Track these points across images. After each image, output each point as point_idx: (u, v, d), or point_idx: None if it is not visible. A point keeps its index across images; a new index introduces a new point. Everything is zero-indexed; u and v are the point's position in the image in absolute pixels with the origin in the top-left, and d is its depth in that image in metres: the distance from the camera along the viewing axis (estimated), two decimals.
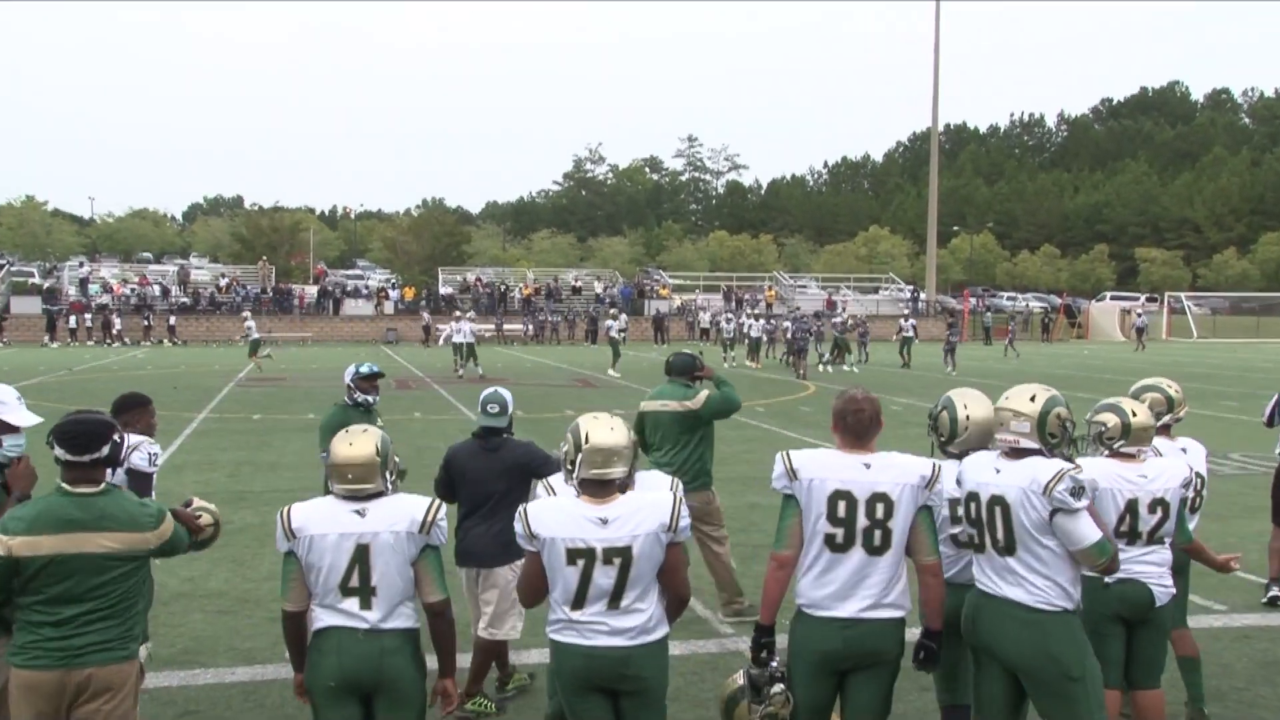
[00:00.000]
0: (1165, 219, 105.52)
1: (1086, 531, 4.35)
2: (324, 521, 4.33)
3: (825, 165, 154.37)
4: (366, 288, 62.43)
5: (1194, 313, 67.75)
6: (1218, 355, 44.71)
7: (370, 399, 8.48)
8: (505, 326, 54.01)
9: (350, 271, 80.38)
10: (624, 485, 4.33)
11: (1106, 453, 5.21)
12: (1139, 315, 52.75)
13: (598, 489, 4.25)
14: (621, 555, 4.14)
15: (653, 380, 29.73)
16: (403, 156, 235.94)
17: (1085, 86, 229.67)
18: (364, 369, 8.47)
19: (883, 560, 4.44)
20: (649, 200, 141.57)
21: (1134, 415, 5.19)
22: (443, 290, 61.30)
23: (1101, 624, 5.14)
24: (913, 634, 4.56)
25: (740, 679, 4.61)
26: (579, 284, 63.33)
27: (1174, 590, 5.34)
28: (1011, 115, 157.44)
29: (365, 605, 4.29)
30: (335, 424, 7.46)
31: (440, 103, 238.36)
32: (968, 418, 5.00)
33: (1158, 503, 5.13)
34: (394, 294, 60.00)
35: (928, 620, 4.55)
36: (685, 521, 4.23)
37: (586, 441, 4.28)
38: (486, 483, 6.35)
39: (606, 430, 4.31)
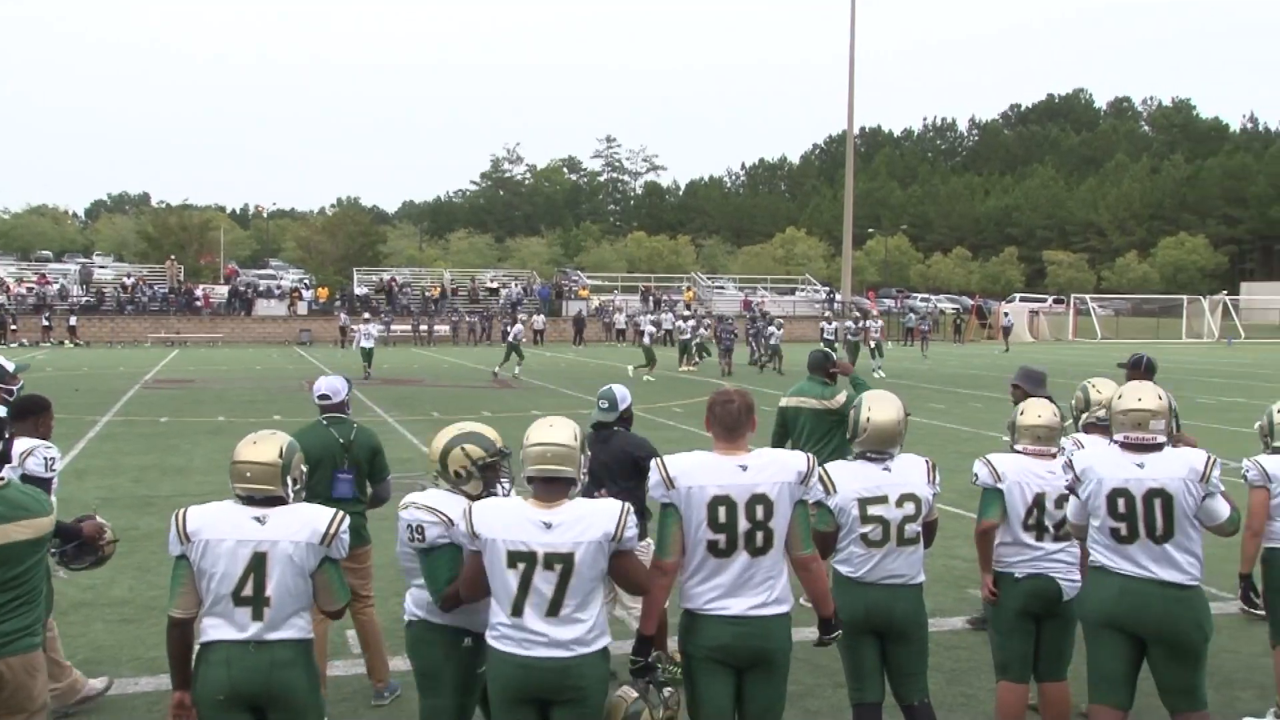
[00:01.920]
0: (1071, 223, 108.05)
1: (1223, 508, 4.93)
2: (221, 526, 4.20)
3: (743, 167, 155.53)
4: (279, 288, 61.42)
5: (1098, 314, 69.48)
6: (1120, 355, 45.86)
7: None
8: (422, 328, 53.47)
9: (262, 271, 79.07)
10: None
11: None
12: (1005, 315, 53.69)
13: (545, 490, 4.19)
14: (563, 562, 4.07)
15: (569, 381, 29.71)
16: (317, 154, 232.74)
17: (995, 92, 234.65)
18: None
19: (766, 560, 4.45)
20: (567, 200, 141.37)
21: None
22: (358, 290, 60.56)
23: (1011, 618, 5.42)
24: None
25: (631, 693, 4.43)
26: (496, 285, 63.01)
27: (1079, 584, 5.49)
28: (924, 119, 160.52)
29: (257, 616, 4.16)
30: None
31: (356, 100, 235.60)
32: (868, 418, 5.08)
33: (1064, 498, 5.35)
34: (308, 294, 59.12)
35: (819, 609, 4.65)
36: (632, 532, 4.16)
37: (526, 441, 4.26)
38: (598, 474, 6.30)
39: (545, 428, 4.27)
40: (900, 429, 5.08)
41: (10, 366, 6.40)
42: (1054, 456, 5.48)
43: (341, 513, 4.34)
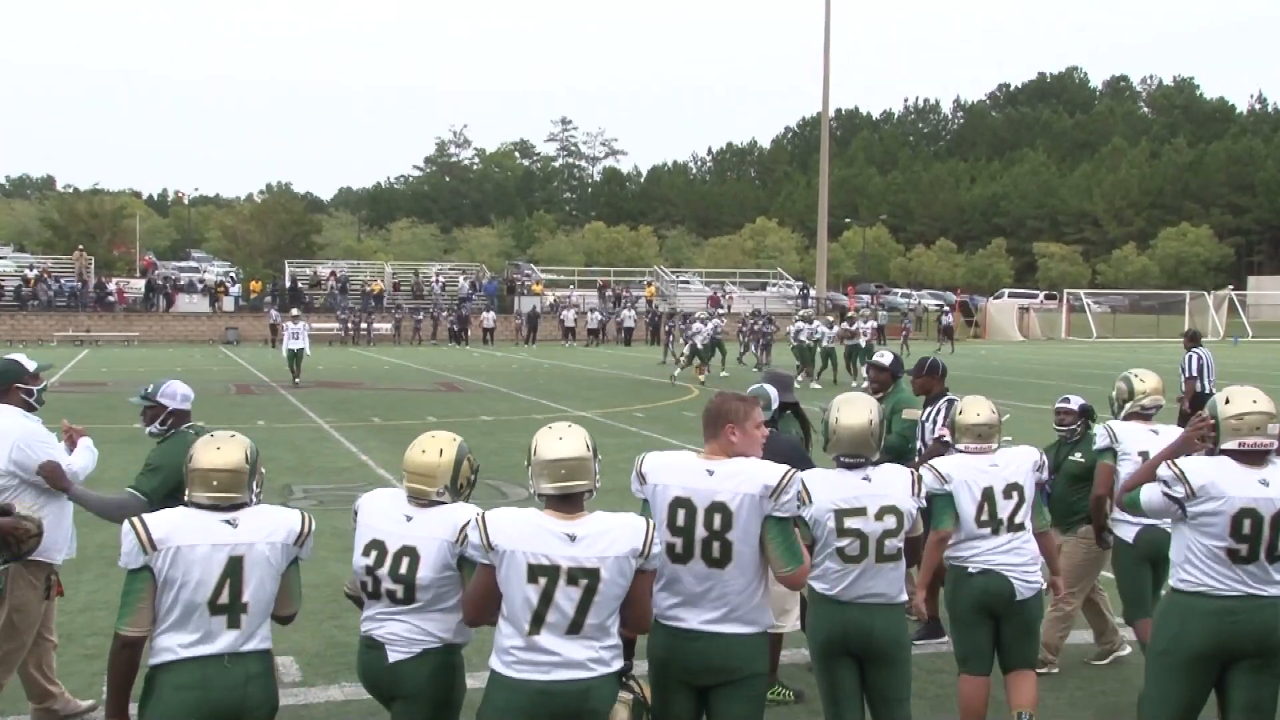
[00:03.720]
0: (1064, 212, 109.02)
1: None
2: (192, 532, 4.22)
3: (709, 152, 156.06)
4: (202, 282, 60.85)
5: (1093, 311, 70.14)
6: (1117, 355, 46.35)
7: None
8: (364, 325, 53.20)
9: (184, 263, 78.40)
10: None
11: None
12: (945, 312, 54.07)
13: (562, 504, 4.20)
14: (588, 577, 4.10)
15: (522, 383, 29.68)
16: (244, 136, 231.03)
17: (982, 71, 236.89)
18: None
19: (726, 574, 4.50)
20: (519, 188, 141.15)
21: (975, 414, 6.03)
22: (290, 285, 60.10)
23: (966, 613, 5.86)
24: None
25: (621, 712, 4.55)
26: (442, 278, 62.81)
27: (1040, 585, 5.89)
28: (906, 101, 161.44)
29: (234, 624, 4.21)
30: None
31: (287, 76, 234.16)
32: (837, 420, 5.14)
33: (1012, 487, 5.81)
34: (235, 289, 58.62)
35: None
36: (659, 548, 4.24)
37: (535, 454, 4.27)
38: None
39: (554, 440, 4.26)
40: (872, 431, 5.08)
41: (31, 366, 6.47)
42: (993, 451, 5.94)
43: (310, 515, 4.47)
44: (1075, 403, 7.72)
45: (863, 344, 31.05)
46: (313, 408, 22.98)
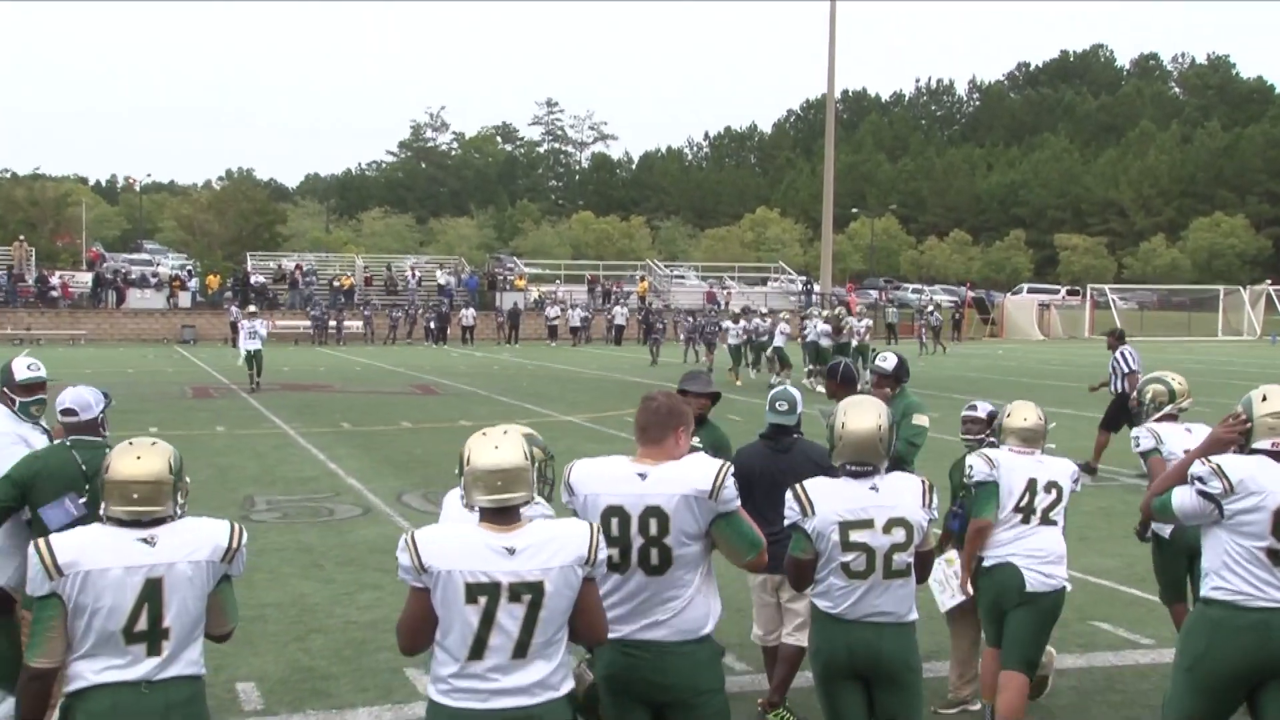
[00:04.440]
0: (1088, 201, 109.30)
1: None
2: (103, 553, 4.14)
3: (706, 137, 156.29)
4: (156, 276, 60.67)
5: (1119, 308, 70.19)
6: (1146, 356, 46.32)
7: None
8: (334, 323, 53.15)
9: (136, 256, 78.00)
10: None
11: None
12: (932, 313, 53.94)
13: (499, 516, 4.17)
14: (532, 591, 4.06)
15: (503, 386, 29.68)
16: (202, 118, 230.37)
17: (1000, 49, 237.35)
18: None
19: (665, 580, 4.63)
20: (501, 175, 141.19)
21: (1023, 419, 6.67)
22: (253, 279, 60.04)
23: (986, 606, 6.54)
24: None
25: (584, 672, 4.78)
26: (418, 273, 62.77)
27: (1060, 584, 6.40)
28: (917, 82, 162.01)
29: (153, 651, 4.15)
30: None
31: (249, 54, 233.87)
32: (843, 425, 5.17)
33: (1053, 484, 6.46)
34: (191, 283, 58.49)
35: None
36: (604, 554, 4.24)
37: (468, 463, 4.23)
38: (780, 485, 6.32)
39: (490, 449, 4.22)
40: (880, 437, 5.11)
41: (21, 374, 6.63)
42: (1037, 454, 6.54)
43: (240, 526, 4.38)
44: (983, 409, 7.56)
45: (854, 344, 30.21)
46: (277, 412, 22.88)
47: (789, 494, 5.07)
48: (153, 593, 4.14)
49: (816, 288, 66.58)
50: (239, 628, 4.62)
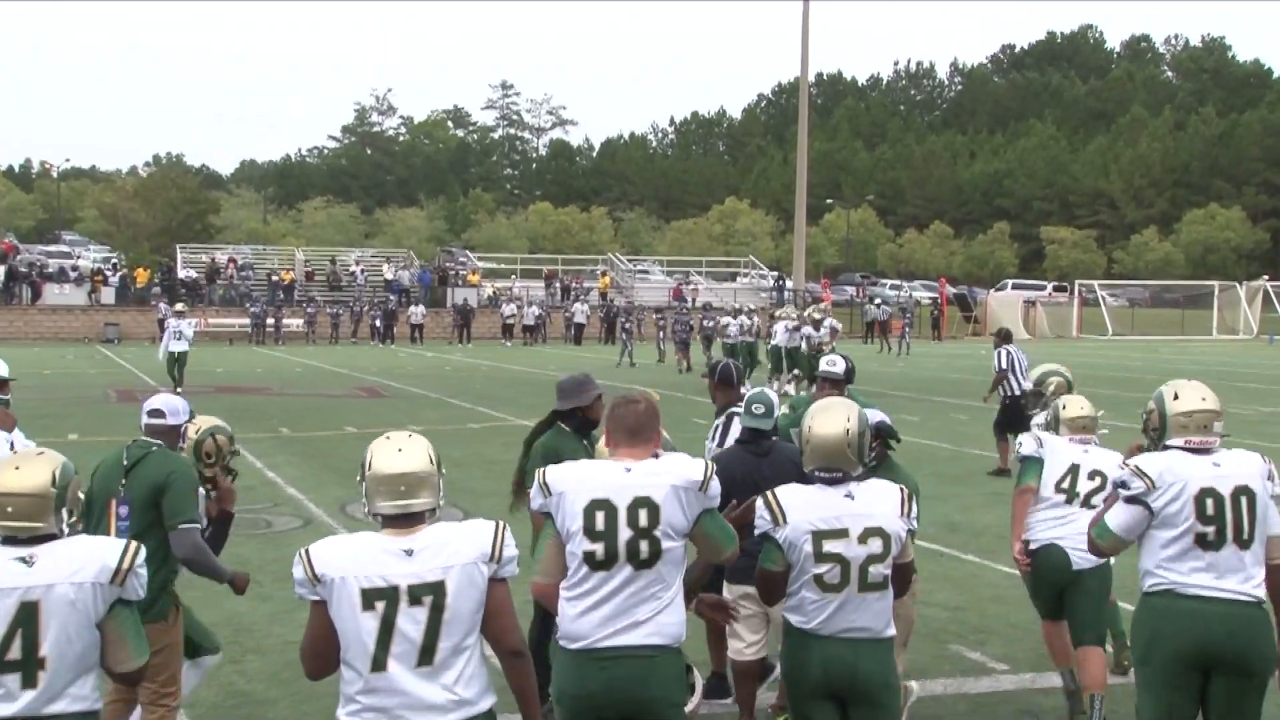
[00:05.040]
0: (1076, 192, 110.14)
1: (1278, 518, 5.59)
2: None
3: (671, 123, 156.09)
4: (76, 269, 60.11)
5: (1109, 305, 70.76)
6: (1136, 356, 46.85)
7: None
8: (272, 321, 52.91)
9: (53, 248, 77.26)
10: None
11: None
12: (878, 304, 53.98)
13: (401, 523, 4.19)
14: (432, 592, 4.07)
15: (455, 388, 29.61)
16: (127, 98, 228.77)
17: (984, 31, 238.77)
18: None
19: (654, 575, 4.78)
20: (452, 163, 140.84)
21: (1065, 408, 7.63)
22: (182, 273, 59.67)
23: (1038, 584, 7.36)
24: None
25: None
26: (363, 267, 62.54)
27: (1100, 560, 6.83)
28: (896, 65, 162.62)
29: (28, 683, 4.01)
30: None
31: (179, 30, 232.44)
32: (810, 429, 5.23)
33: (1097, 472, 7.18)
34: (115, 278, 58.02)
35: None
36: (511, 552, 4.23)
37: (370, 467, 4.24)
38: (759, 490, 6.33)
39: (393, 453, 4.24)
40: (849, 441, 5.12)
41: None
42: (1090, 443, 7.37)
43: (136, 543, 4.22)
44: (870, 422, 7.37)
45: (804, 348, 29.38)
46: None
47: (759, 502, 5.11)
48: (28, 618, 4.01)
49: (789, 284, 66.75)
50: None
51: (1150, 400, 5.92)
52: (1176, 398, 5.69)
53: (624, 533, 4.74)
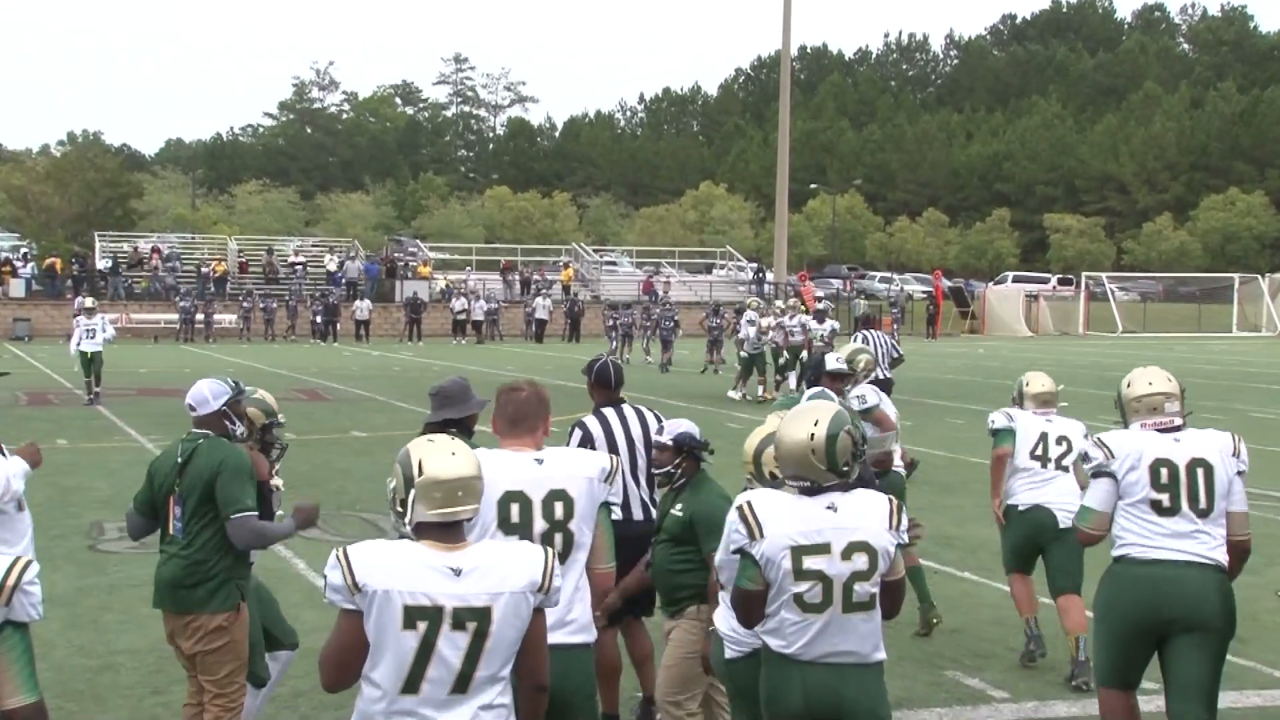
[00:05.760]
0: (1082, 176, 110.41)
1: (1243, 495, 6.54)
2: None
3: (641, 100, 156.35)
4: None
5: (1118, 299, 70.95)
6: (1149, 355, 46.88)
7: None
8: (202, 316, 52.70)
9: None
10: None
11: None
12: (819, 302, 52.75)
13: (444, 534, 4.20)
14: (478, 619, 4.12)
15: (404, 391, 29.52)
16: (37, 70, 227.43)
17: (982, 1, 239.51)
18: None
19: (566, 569, 5.13)
20: (401, 143, 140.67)
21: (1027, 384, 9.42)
22: (101, 264, 59.34)
23: (1019, 540, 9.03)
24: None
25: None
26: (303, 257, 62.33)
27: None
28: (886, 37, 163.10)
29: None
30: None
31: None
32: (778, 434, 5.25)
33: (1063, 438, 8.90)
34: (26, 269, 57.71)
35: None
36: (559, 583, 4.31)
37: (420, 472, 4.24)
38: None
39: (446, 456, 4.27)
40: (812, 448, 5.06)
41: None
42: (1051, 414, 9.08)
43: (24, 559, 4.08)
44: (671, 434, 7.06)
45: (767, 351, 29.04)
46: (132, 422, 22.68)
47: (733, 514, 5.07)
48: None
49: (769, 276, 66.77)
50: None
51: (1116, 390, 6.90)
52: (1129, 385, 6.72)
53: (539, 525, 5.18)
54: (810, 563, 5.01)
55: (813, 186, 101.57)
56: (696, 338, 41.87)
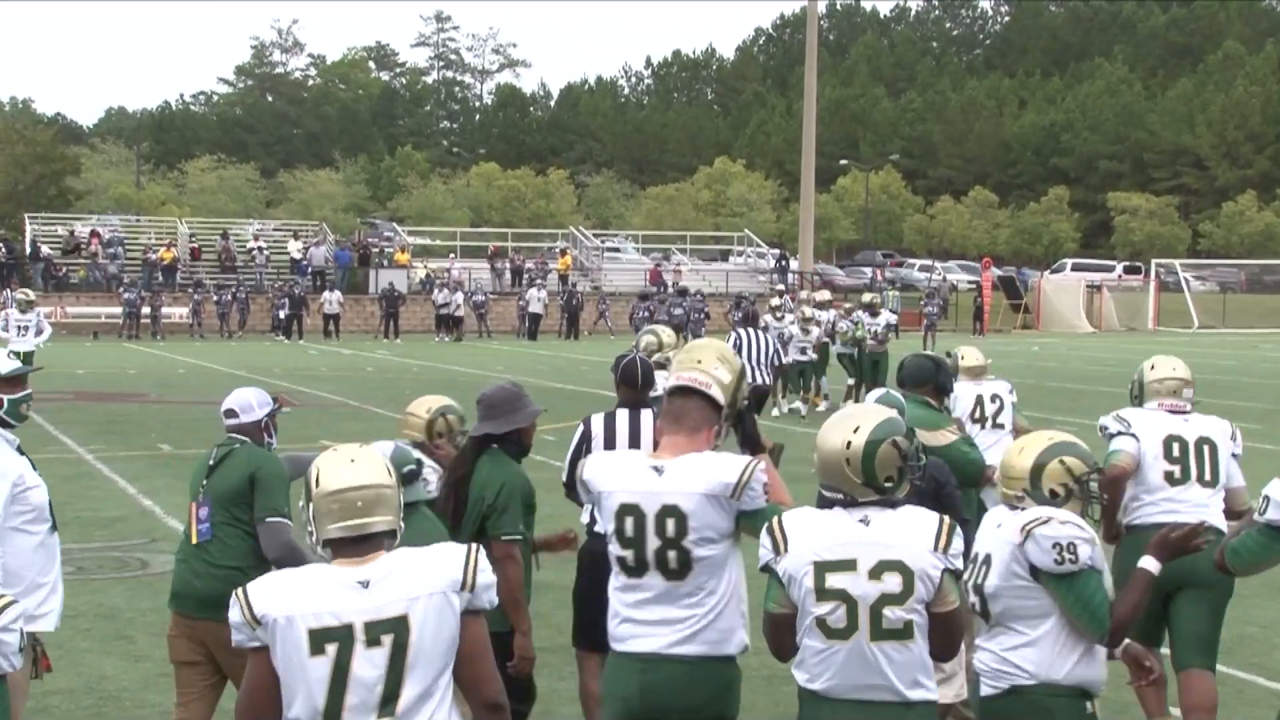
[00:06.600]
0: (1152, 149, 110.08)
1: (1239, 475, 8.08)
2: None
3: (648, 65, 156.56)
4: None
5: (1194, 290, 70.82)
6: (1228, 354, 46.79)
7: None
8: (149, 310, 52.78)
9: None
10: None
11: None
12: (872, 288, 52.93)
13: (355, 549, 4.21)
14: (393, 629, 4.10)
15: (378, 394, 29.55)
16: None
17: None
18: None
19: (685, 586, 5.28)
20: (376, 114, 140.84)
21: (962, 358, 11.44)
22: (32, 250, 59.40)
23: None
24: None
25: None
26: (264, 243, 62.36)
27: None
28: None
29: None
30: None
31: None
32: (817, 439, 5.18)
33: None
34: None
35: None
36: (487, 579, 4.26)
37: (317, 484, 4.27)
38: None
39: (344, 464, 4.29)
40: (847, 458, 4.97)
41: (4, 368, 7.00)
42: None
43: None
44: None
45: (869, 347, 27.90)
46: (69, 430, 22.68)
47: (762, 530, 5.09)
48: None
49: (794, 264, 66.70)
50: None
51: (1134, 374, 8.36)
52: (1153, 368, 8.22)
53: (652, 542, 5.28)
54: (833, 580, 4.90)
55: (843, 162, 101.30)
56: (718, 333, 41.84)
